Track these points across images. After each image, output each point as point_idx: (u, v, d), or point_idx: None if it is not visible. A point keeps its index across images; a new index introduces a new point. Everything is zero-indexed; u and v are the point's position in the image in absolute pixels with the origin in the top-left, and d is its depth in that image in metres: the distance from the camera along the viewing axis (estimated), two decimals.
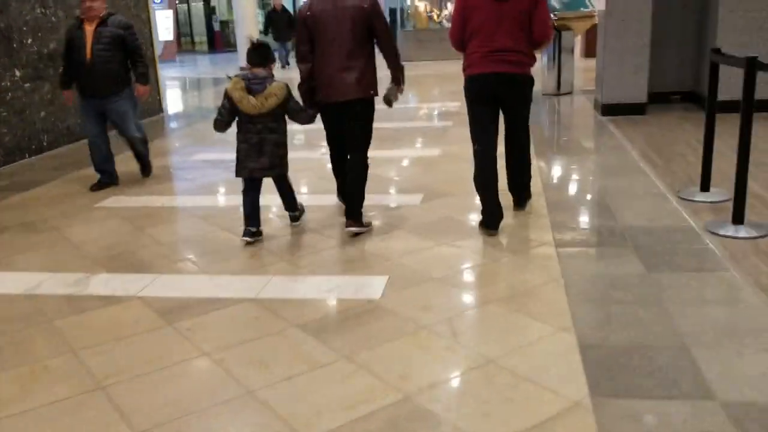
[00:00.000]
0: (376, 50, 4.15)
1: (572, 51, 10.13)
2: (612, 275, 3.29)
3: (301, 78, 4.17)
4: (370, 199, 4.54)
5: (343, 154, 4.28)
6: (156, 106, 9.81)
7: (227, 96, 3.96)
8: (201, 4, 29.59)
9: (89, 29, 5.38)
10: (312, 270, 3.63)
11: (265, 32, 14.41)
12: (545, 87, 10.15)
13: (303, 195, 4.92)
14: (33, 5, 7.14)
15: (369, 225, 4.25)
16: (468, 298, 3.18)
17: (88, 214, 4.94)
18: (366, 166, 4.19)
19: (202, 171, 6.23)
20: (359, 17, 3.97)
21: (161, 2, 23.07)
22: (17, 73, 6.88)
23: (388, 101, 4.27)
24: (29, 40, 7.08)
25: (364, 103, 4.09)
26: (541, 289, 3.18)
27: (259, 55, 4.01)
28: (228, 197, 5.26)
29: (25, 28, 7.02)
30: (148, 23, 9.62)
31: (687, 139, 6.30)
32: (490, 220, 4.01)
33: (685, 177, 5.00)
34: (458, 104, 9.82)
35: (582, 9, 22.48)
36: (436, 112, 9.46)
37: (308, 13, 4.02)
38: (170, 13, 23.25)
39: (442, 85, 12.97)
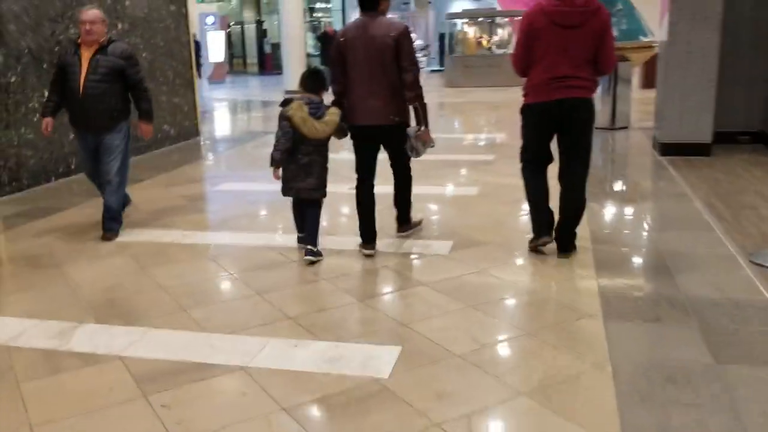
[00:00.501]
0: None
1: (629, 82, 9.52)
2: (672, 364, 2.72)
3: (334, 98, 4.29)
4: (391, 245, 4.13)
5: (371, 184, 4.32)
6: (192, 129, 9.58)
7: (286, 119, 4.03)
8: (254, 26, 29.86)
9: (86, 55, 4.66)
10: (316, 332, 3.17)
11: (322, 60, 13.77)
12: (599, 120, 9.51)
13: (322, 235, 4.45)
14: (67, 26, 6.97)
15: (419, 222, 4.72)
16: (494, 386, 2.65)
17: (95, 249, 4.61)
18: (409, 173, 4.42)
19: (224, 203, 5.88)
20: (387, 46, 4.02)
21: (214, 24, 23.28)
22: (46, 94, 6.67)
23: (412, 149, 4.22)
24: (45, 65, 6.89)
25: (390, 128, 4.17)
26: (583, 378, 2.64)
27: (315, 80, 4.15)
28: (245, 235, 4.87)
29: (57, 48, 6.84)
30: (188, 46, 9.42)
31: (758, 188, 5.66)
32: (542, 230, 4.13)
33: (758, 235, 4.38)
34: (504, 135, 9.33)
35: (641, 38, 21.72)
36: (479, 144, 8.97)
37: (342, 39, 4.15)
38: (222, 34, 23.42)
39: (489, 113, 12.48)
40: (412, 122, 4.23)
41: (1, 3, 6.11)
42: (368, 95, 4.09)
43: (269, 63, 28.81)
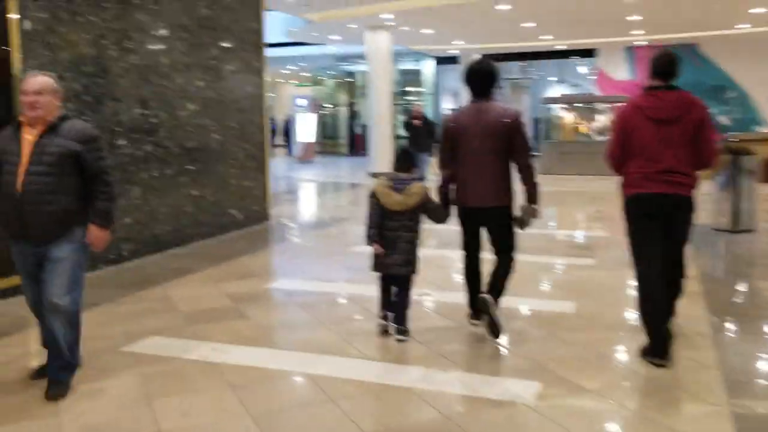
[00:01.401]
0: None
1: (753, 177, 8.25)
2: None
3: (441, 182, 4.36)
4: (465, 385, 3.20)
5: (477, 264, 4.41)
6: (262, 213, 9.02)
7: (373, 194, 4.23)
8: (345, 109, 30.17)
9: (28, 138, 3.39)
10: None
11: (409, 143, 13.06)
12: (716, 220, 8.28)
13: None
14: (131, 105, 6.61)
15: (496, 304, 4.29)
16: None
17: (105, 362, 3.89)
18: (513, 264, 4.30)
19: (273, 307, 5.09)
20: (501, 131, 4.12)
21: (305, 106, 23.52)
22: None
23: (521, 222, 4.24)
24: (122, 141, 6.50)
25: (500, 210, 4.23)
26: None
27: (405, 160, 4.34)
28: (284, 355, 4.02)
29: (118, 129, 6.46)
30: (262, 128, 8.98)
31: None
32: (659, 348, 3.78)
33: None
34: (605, 234, 8.21)
35: (755, 128, 20.07)
36: (576, 242, 7.90)
37: (453, 123, 4.26)
38: (313, 116, 23.58)
39: (586, 205, 11.36)
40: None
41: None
42: (480, 178, 4.17)
43: (359, 144, 28.85)
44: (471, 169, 4.19)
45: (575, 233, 8.67)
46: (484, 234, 4.36)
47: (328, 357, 3.98)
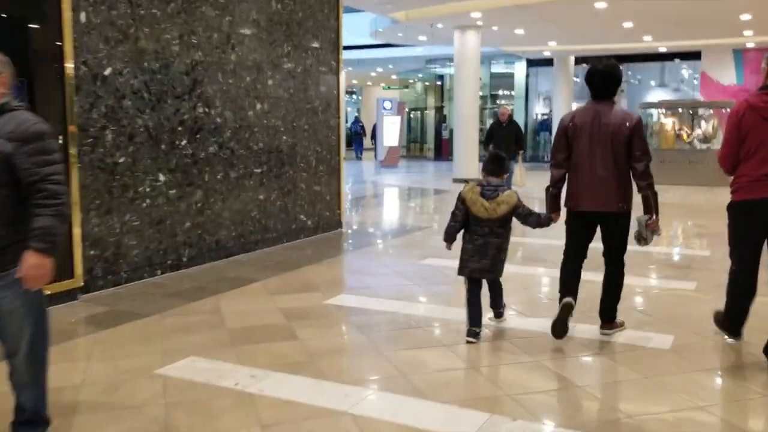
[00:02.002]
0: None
1: None
2: None
3: (551, 182, 4.27)
4: None
5: (579, 264, 4.29)
6: (334, 220, 8.61)
7: (461, 198, 4.22)
8: (433, 112, 29.63)
9: None
10: None
11: (485, 148, 11.67)
12: None
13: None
14: (194, 104, 6.33)
15: (622, 324, 4.42)
16: None
17: (132, 387, 3.51)
18: (623, 267, 4.28)
19: (327, 328, 4.60)
20: (620, 134, 4.04)
21: (391, 109, 23.13)
22: (161, 178, 5.99)
23: (641, 238, 4.15)
24: (183, 142, 6.22)
25: (616, 216, 4.13)
26: None
27: (495, 164, 4.30)
28: (327, 387, 3.51)
29: (180, 128, 6.18)
30: (336, 130, 8.57)
31: None
32: (735, 325, 4.02)
33: None
34: (707, 253, 7.29)
35: None
36: (675, 262, 7.03)
37: (570, 123, 4.17)
38: (398, 119, 23.17)
39: (688, 218, 10.32)
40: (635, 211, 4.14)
41: (118, 77, 5.53)
42: (596, 182, 4.08)
43: (445, 149, 28.26)
44: (588, 171, 4.10)
45: (674, 251, 7.76)
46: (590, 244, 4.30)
47: (381, 394, 3.45)
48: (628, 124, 4.05)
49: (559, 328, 4.13)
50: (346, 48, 25.49)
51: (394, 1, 13.41)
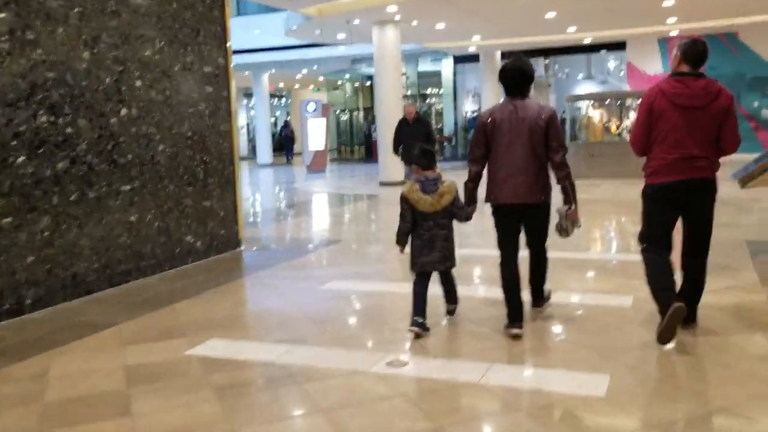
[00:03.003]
0: None
1: None
2: None
3: (470, 177, 4.38)
4: None
5: (515, 263, 4.33)
6: (230, 239, 7.57)
7: (405, 199, 4.28)
8: (362, 113, 28.76)
9: None
10: None
11: (395, 149, 11.05)
12: None
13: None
14: (35, 112, 5.22)
15: (549, 295, 4.76)
16: None
17: None
18: (546, 257, 4.55)
19: (176, 396, 3.58)
20: (536, 127, 4.16)
21: (315, 111, 22.12)
22: None
23: (562, 230, 4.28)
24: (20, 159, 5.10)
25: (536, 207, 4.27)
26: None
27: (427, 158, 4.36)
28: None
29: (15, 142, 5.06)
30: (229, 137, 7.54)
31: None
32: (668, 300, 3.91)
33: None
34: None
35: None
36: (607, 269, 6.28)
37: (489, 120, 4.27)
38: (323, 122, 22.16)
39: (621, 216, 9.71)
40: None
41: None
42: (517, 175, 4.18)
43: (376, 151, 27.39)
44: (507, 165, 4.21)
45: (607, 256, 7.05)
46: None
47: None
48: (543, 116, 4.17)
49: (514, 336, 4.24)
50: (265, 49, 24.41)
51: None
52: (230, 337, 4.50)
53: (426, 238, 4.29)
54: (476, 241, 7.69)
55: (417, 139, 10.45)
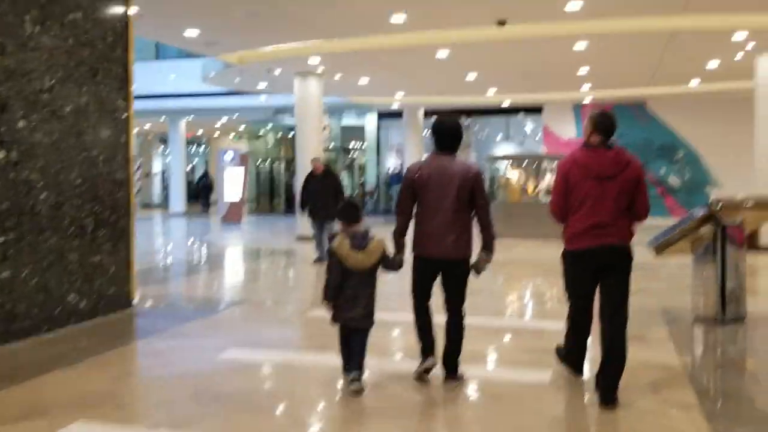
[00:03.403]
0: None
1: (742, 249, 6.57)
2: None
3: (397, 229, 4.46)
4: None
5: (429, 312, 4.49)
6: (120, 298, 6.89)
7: (333, 254, 4.21)
8: (283, 165, 28.32)
9: None
10: None
11: (301, 206, 10.79)
12: (698, 305, 6.57)
13: None
14: None
15: (462, 377, 4.51)
16: None
17: None
18: (463, 322, 4.50)
19: None
20: (464, 183, 4.31)
21: (233, 160, 21.53)
22: None
23: (476, 269, 4.44)
24: None
25: (460, 262, 4.39)
26: None
27: (350, 212, 4.30)
28: None
29: None
30: (125, 185, 6.94)
31: None
32: (579, 363, 4.43)
33: None
34: (560, 325, 6.36)
35: (707, 188, 18.86)
36: (523, 339, 6.00)
37: (417, 174, 4.37)
38: (241, 171, 21.55)
39: (538, 279, 9.58)
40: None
41: None
42: (444, 230, 4.31)
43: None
44: (433, 220, 4.31)
45: (526, 325, 6.80)
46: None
47: None
48: (470, 174, 4.34)
49: (424, 377, 4.46)
50: (183, 95, 23.75)
51: (222, 42, 12.04)
52: (101, 418, 3.88)
53: (350, 293, 4.23)
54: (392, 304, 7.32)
55: (325, 194, 10.14)
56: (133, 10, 7.10)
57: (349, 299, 4.24)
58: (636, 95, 18.59)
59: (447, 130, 4.43)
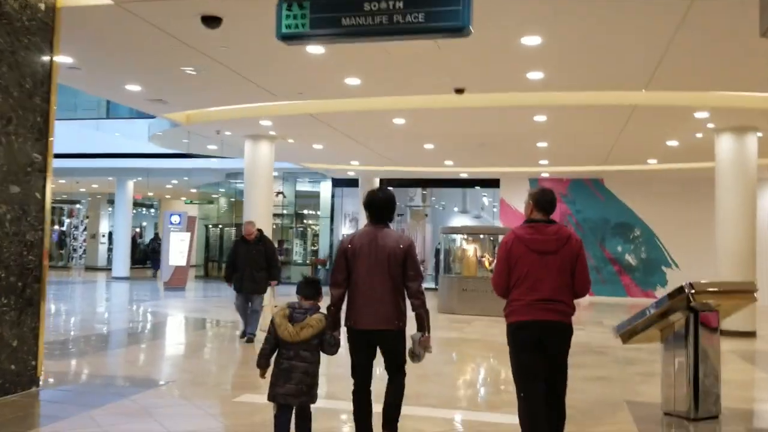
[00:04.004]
0: None
1: (716, 336, 6.05)
2: None
3: (333, 301, 4.43)
4: None
5: (368, 391, 4.44)
6: (24, 376, 5.96)
7: (272, 321, 4.18)
8: (234, 230, 27.47)
9: None
10: None
11: (227, 275, 9.71)
12: (669, 401, 5.97)
13: None
14: None
15: None
16: None
17: None
18: (403, 385, 4.49)
19: None
20: (395, 256, 4.36)
21: (179, 224, 20.64)
22: None
23: (414, 355, 4.35)
24: None
25: (394, 333, 4.39)
26: None
27: (311, 288, 4.30)
28: None
29: None
30: (37, 248, 6.14)
31: None
32: None
33: None
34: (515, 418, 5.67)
35: (663, 267, 18.70)
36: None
37: (350, 245, 4.43)
38: (186, 236, 20.64)
39: (491, 363, 8.91)
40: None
41: None
42: (374, 301, 4.33)
43: None
44: (365, 291, 4.34)
45: (472, 419, 6.05)
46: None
47: None
48: (401, 246, 4.38)
49: None
50: (130, 155, 22.96)
51: (167, 100, 11.43)
52: None
53: (284, 367, 4.16)
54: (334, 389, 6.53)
55: (256, 262, 9.28)
56: (62, 59, 6.47)
57: (282, 373, 4.16)
58: (593, 171, 18.57)
59: (379, 203, 4.50)
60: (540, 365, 4.16)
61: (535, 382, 4.15)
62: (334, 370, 6.84)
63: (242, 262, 9.30)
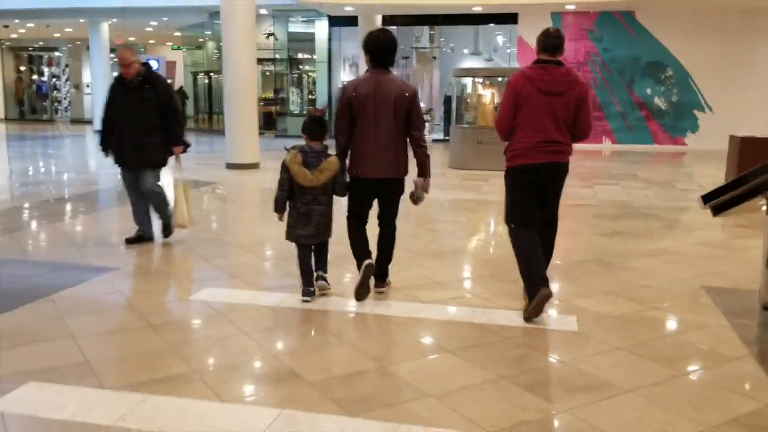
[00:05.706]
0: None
1: None
2: None
3: (338, 147, 4.51)
4: None
5: (363, 231, 4.59)
6: None
7: (285, 169, 4.30)
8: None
9: None
10: None
11: (101, 142, 6.14)
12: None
13: None
14: None
15: (389, 283, 4.78)
16: None
17: None
18: (394, 237, 4.65)
19: None
20: (400, 103, 4.37)
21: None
22: None
23: (415, 199, 4.50)
24: None
25: (397, 181, 4.51)
26: None
27: (317, 126, 4.39)
28: None
29: None
30: None
31: None
32: (541, 281, 4.15)
33: None
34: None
35: (695, 111, 16.55)
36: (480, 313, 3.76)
37: (354, 93, 4.38)
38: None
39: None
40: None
41: None
42: (379, 149, 4.37)
43: None
44: (370, 139, 4.36)
45: (482, 315, 4.49)
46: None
47: None
48: (407, 94, 4.39)
49: (363, 292, 4.47)
50: None
51: None
52: None
53: (303, 211, 4.33)
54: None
55: (141, 119, 5.89)
56: None
57: (301, 217, 4.34)
58: (625, 1, 16.09)
59: (382, 45, 4.41)
60: (536, 204, 4.27)
61: (533, 215, 4.26)
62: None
63: (120, 117, 5.98)
